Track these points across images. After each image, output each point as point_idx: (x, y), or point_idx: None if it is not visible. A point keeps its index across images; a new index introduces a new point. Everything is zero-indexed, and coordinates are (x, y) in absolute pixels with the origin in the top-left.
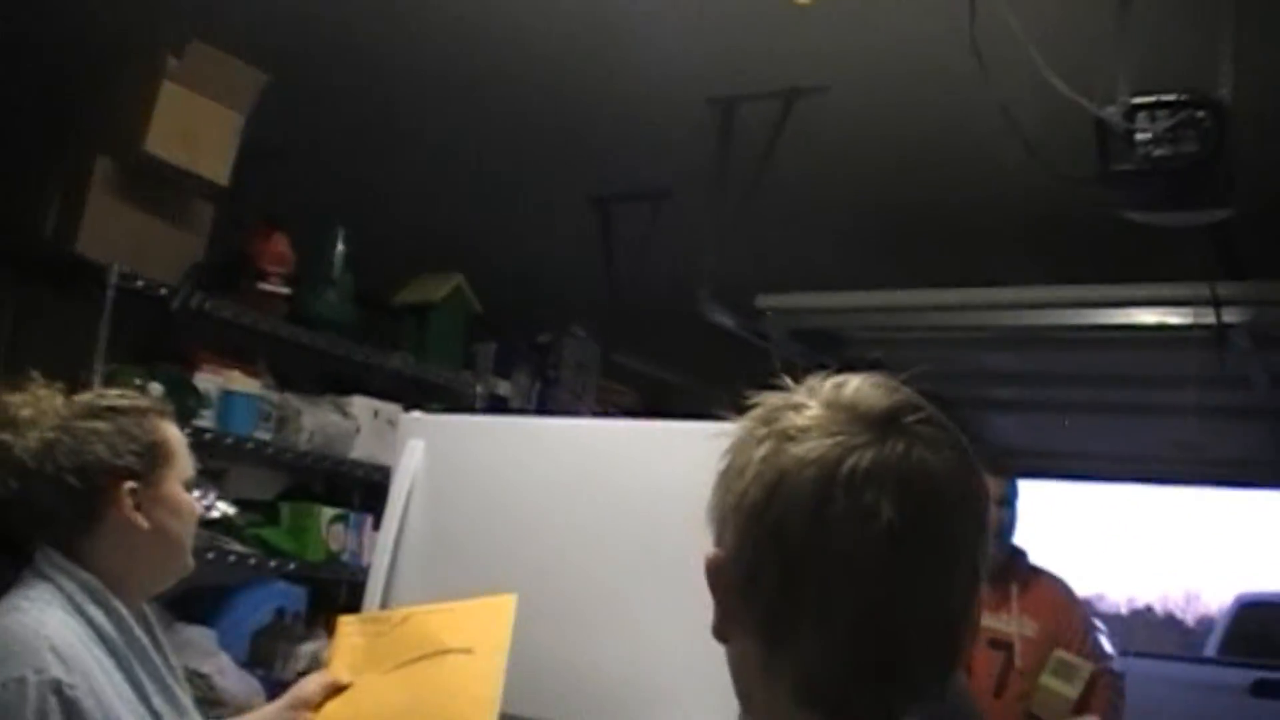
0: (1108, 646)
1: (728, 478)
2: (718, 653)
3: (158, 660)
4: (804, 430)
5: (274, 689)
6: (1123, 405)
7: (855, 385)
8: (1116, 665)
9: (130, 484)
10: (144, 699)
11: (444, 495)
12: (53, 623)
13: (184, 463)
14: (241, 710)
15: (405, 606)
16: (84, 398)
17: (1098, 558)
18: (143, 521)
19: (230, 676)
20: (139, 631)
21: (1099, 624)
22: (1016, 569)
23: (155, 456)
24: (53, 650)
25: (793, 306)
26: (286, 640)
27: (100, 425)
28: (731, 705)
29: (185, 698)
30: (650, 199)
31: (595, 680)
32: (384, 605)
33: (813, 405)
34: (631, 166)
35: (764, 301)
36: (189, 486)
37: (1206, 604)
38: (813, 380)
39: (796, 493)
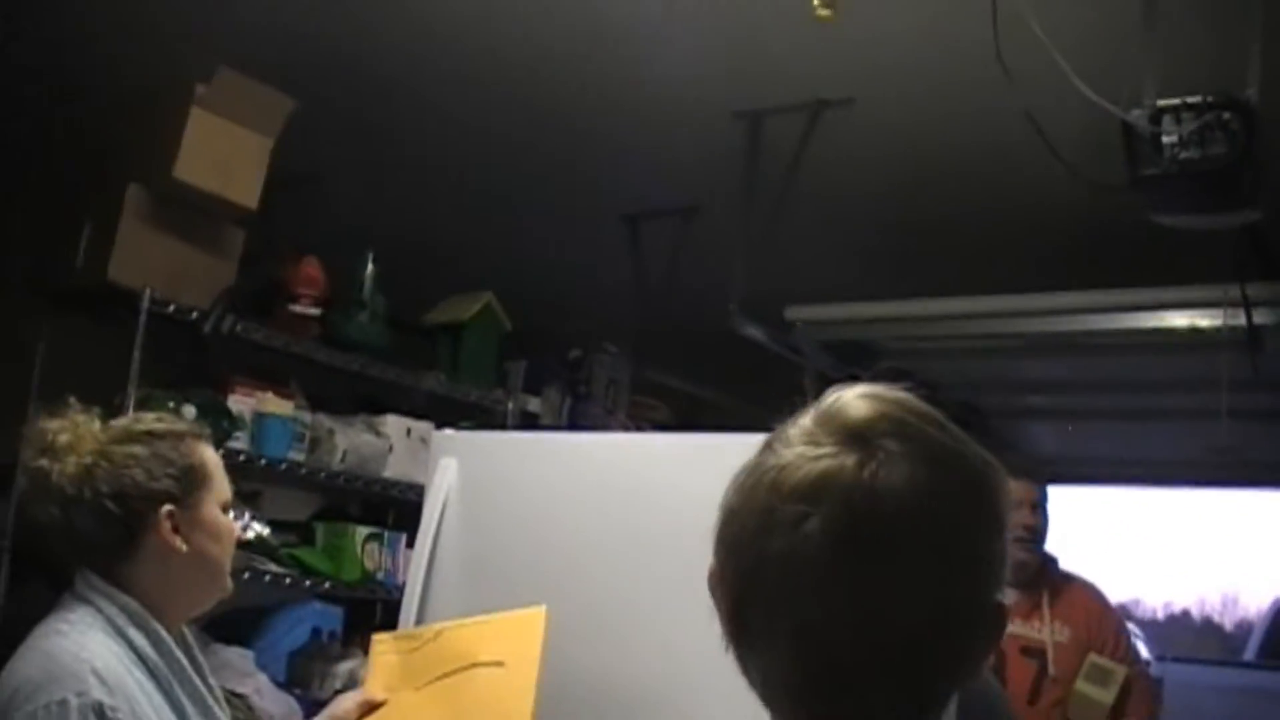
0: (1143, 651)
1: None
2: None
3: (198, 682)
4: (786, 440)
5: (311, 709)
6: (1156, 410)
7: (850, 395)
8: (1153, 670)
9: (168, 507)
10: (183, 717)
11: (477, 512)
12: (94, 645)
13: (221, 485)
14: None
15: (439, 623)
16: (121, 423)
17: (1134, 563)
18: (181, 545)
19: (268, 697)
20: (179, 653)
21: (1134, 629)
22: (1047, 575)
23: (192, 480)
24: (95, 673)
25: (822, 318)
26: (323, 660)
27: (137, 450)
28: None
29: (225, 718)
30: (679, 214)
31: (628, 695)
32: (419, 623)
33: (810, 412)
34: (660, 183)
35: (794, 314)
36: (226, 509)
37: (1244, 608)
38: (836, 389)
39: (756, 501)
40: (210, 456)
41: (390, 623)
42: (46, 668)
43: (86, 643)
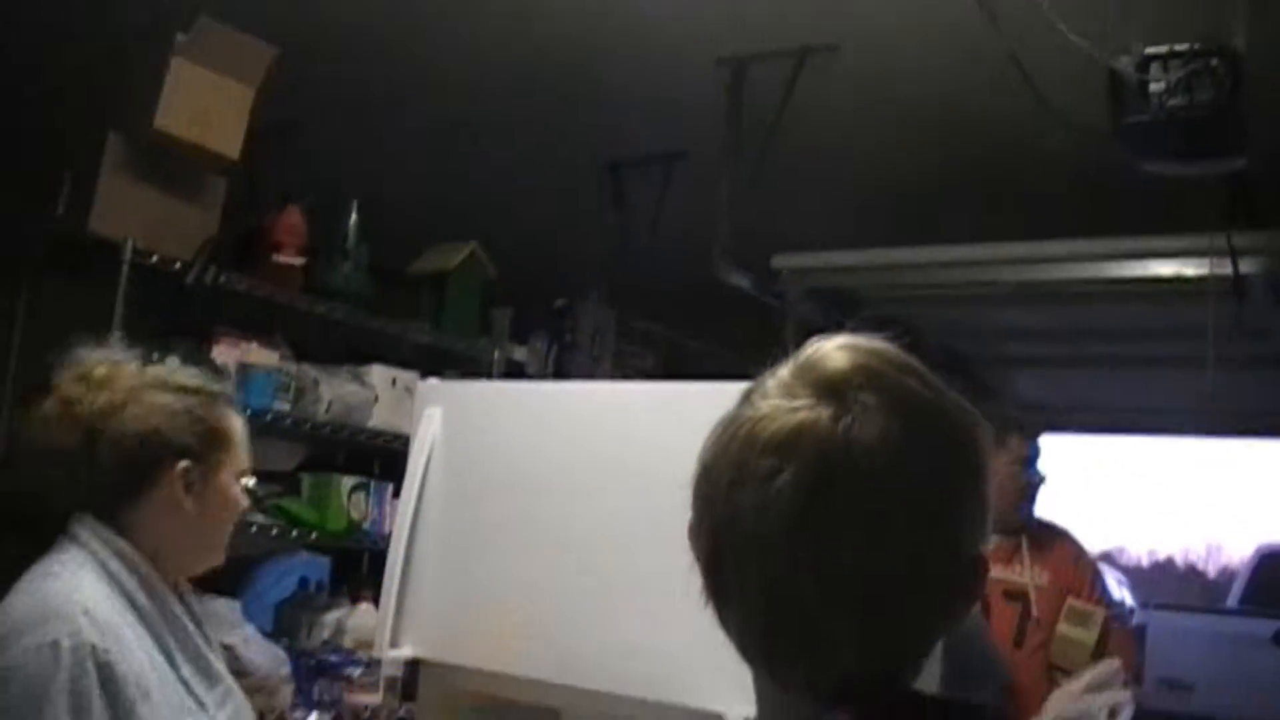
0: (1117, 595)
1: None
2: None
3: (192, 630)
4: (764, 392)
5: (298, 659)
6: (1142, 358)
7: (828, 346)
8: (1137, 617)
9: (185, 463)
10: (174, 667)
11: (463, 461)
12: (86, 588)
13: (241, 456)
14: (268, 682)
15: None
16: (158, 369)
17: (1119, 511)
18: (189, 504)
19: (255, 648)
20: (172, 602)
21: (1119, 576)
22: (1024, 523)
23: (215, 442)
24: (87, 614)
25: (808, 266)
26: (311, 610)
27: (168, 399)
28: (739, 670)
29: (220, 668)
30: (663, 162)
31: (616, 644)
32: (404, 575)
33: (789, 364)
34: (643, 130)
35: (779, 262)
36: (240, 481)
37: (1228, 555)
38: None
39: (729, 454)
40: (237, 425)
41: (377, 573)
42: (38, 609)
43: (79, 584)
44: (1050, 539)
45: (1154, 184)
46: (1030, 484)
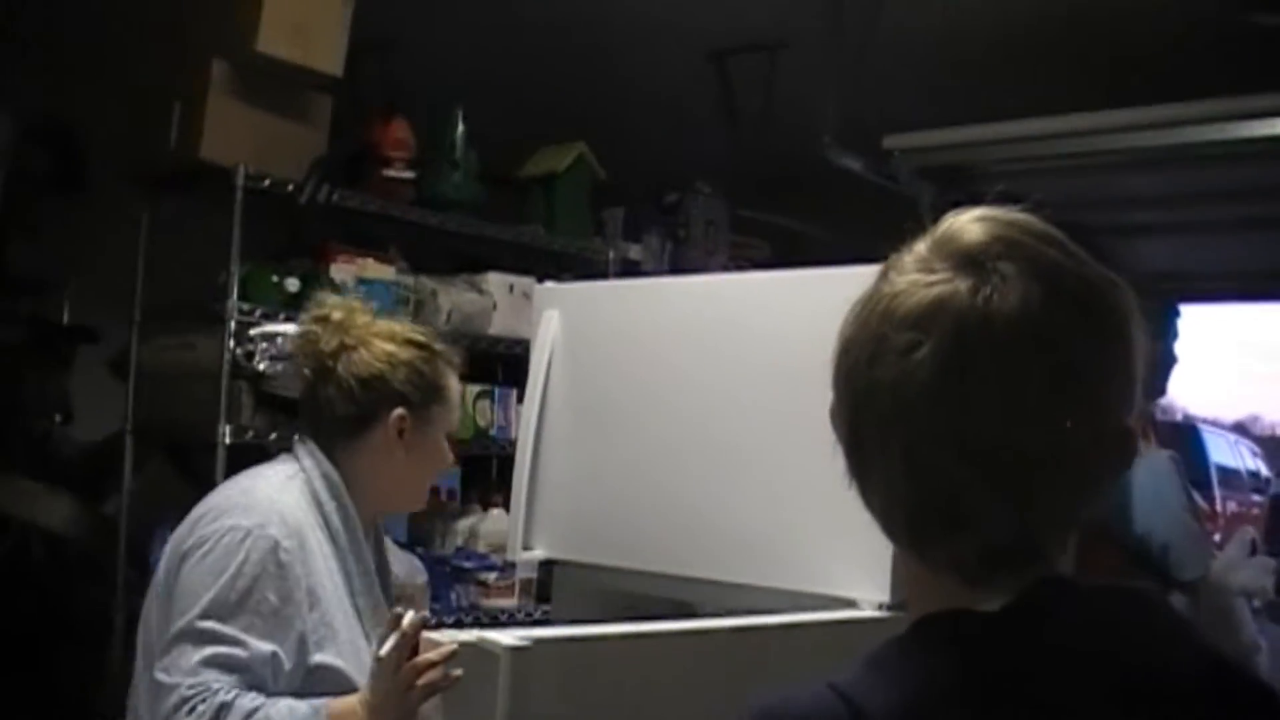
0: (1251, 465)
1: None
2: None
3: (373, 570)
4: (901, 268)
5: (433, 566)
6: (1264, 219)
7: (964, 220)
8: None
9: (400, 410)
10: (351, 593)
11: (583, 363)
12: (288, 496)
13: (454, 414)
14: (405, 590)
15: None
16: (389, 322)
17: (1252, 378)
18: (401, 451)
19: (393, 558)
20: (361, 535)
21: (1252, 446)
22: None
23: (432, 395)
24: (279, 514)
25: (920, 145)
26: (443, 518)
27: (395, 350)
28: (871, 556)
29: (381, 604)
30: (767, 49)
31: (746, 535)
32: (532, 478)
33: (925, 239)
34: (745, 17)
35: (891, 142)
36: (450, 438)
37: None
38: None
39: (865, 331)
40: (455, 384)
41: (505, 477)
42: (238, 500)
43: (284, 490)
44: (1156, 424)
45: (1265, 38)
46: (1166, 361)
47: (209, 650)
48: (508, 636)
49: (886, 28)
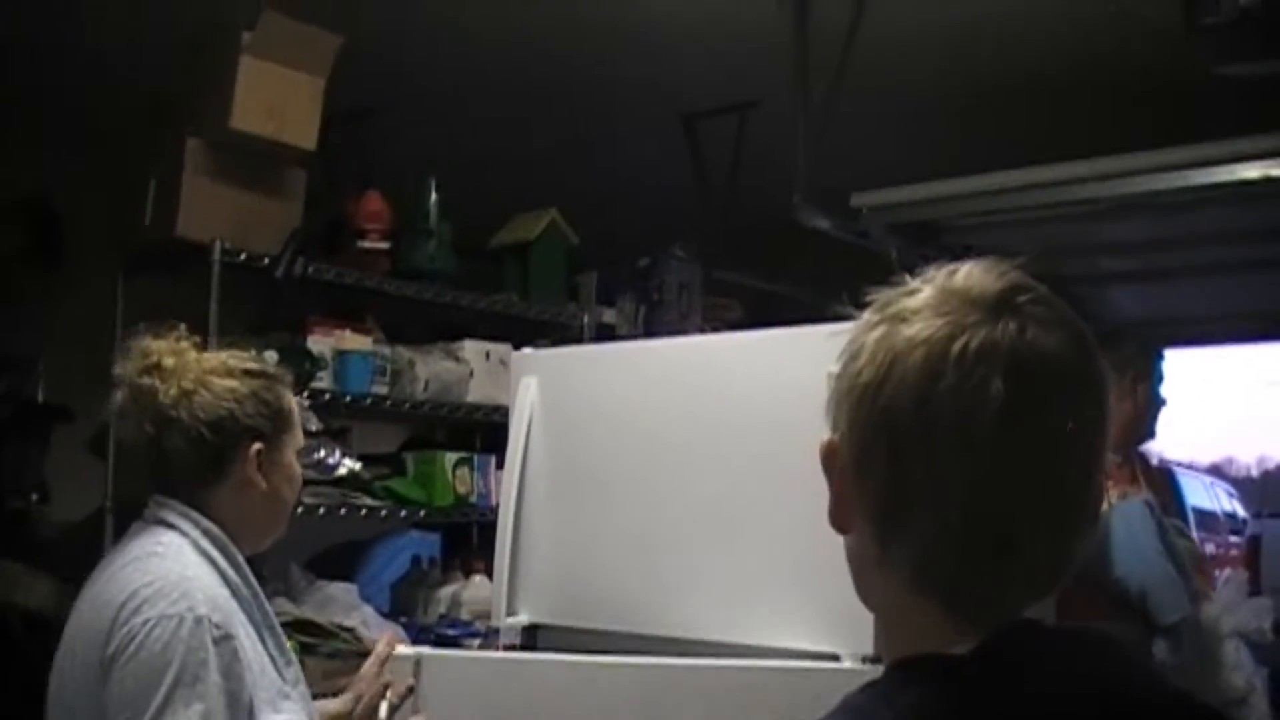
0: (1228, 506)
1: (843, 364)
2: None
3: (269, 607)
4: (915, 312)
5: (417, 635)
6: (1234, 264)
7: (967, 270)
8: (1249, 527)
9: (258, 445)
10: (262, 640)
11: (562, 427)
12: (193, 567)
13: (299, 432)
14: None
15: None
16: (219, 356)
17: (1225, 421)
18: (262, 482)
19: (375, 628)
20: (253, 579)
21: (1228, 488)
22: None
23: (280, 422)
24: (199, 590)
25: (889, 201)
26: (425, 586)
27: (235, 385)
28: (852, 609)
29: (286, 645)
30: (736, 110)
31: (728, 592)
32: (515, 543)
33: (925, 289)
34: (713, 79)
35: (859, 200)
36: (299, 455)
37: None
38: (928, 271)
39: (907, 371)
40: (293, 402)
41: (487, 545)
42: (154, 584)
43: (186, 563)
44: (1148, 463)
45: (1232, 86)
46: (1154, 405)
47: None
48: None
49: (854, 84)
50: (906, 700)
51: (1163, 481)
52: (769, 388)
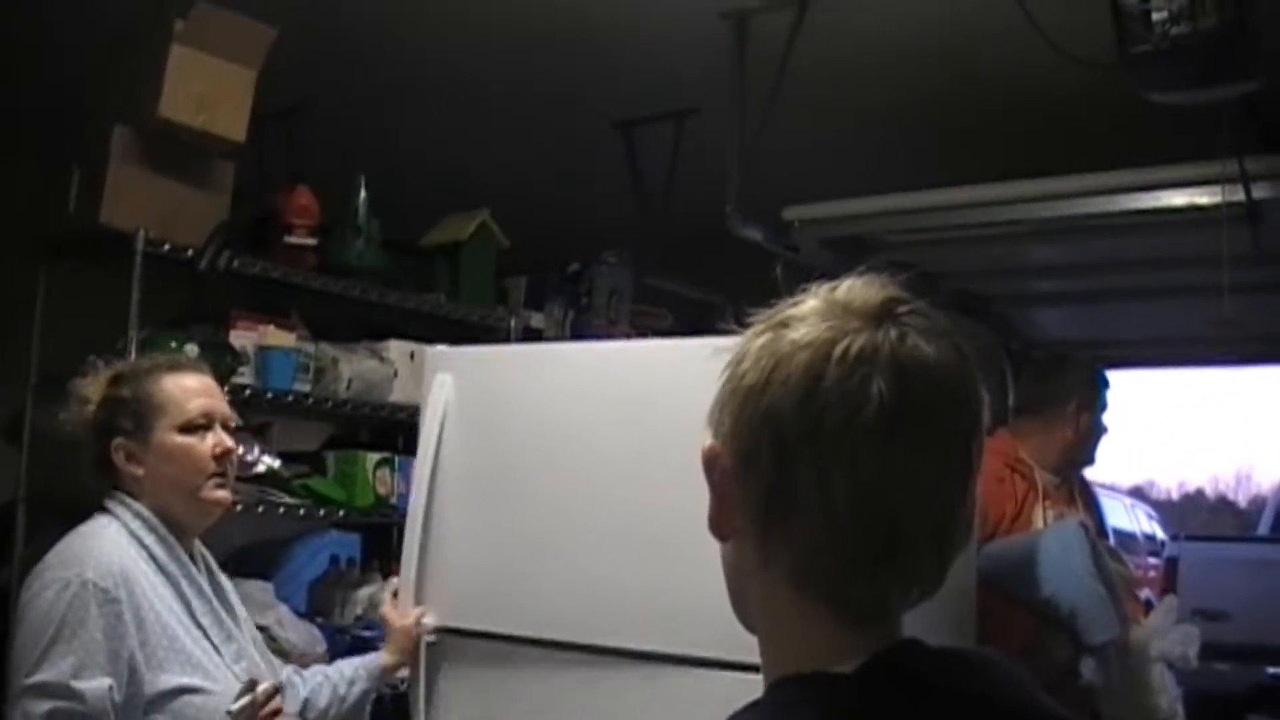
0: (1148, 529)
1: (728, 370)
2: None
3: (209, 591)
4: (800, 319)
5: (333, 636)
6: (1160, 288)
7: (849, 284)
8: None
9: (117, 440)
10: (191, 614)
11: (478, 427)
12: (104, 541)
13: (178, 410)
14: (304, 660)
15: None
16: (110, 370)
17: (1146, 445)
18: (136, 469)
19: (290, 627)
20: (186, 560)
21: (1149, 510)
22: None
23: (144, 411)
24: (95, 560)
25: (820, 216)
26: (343, 587)
27: (108, 393)
28: None
29: (237, 634)
30: (672, 119)
31: (643, 600)
32: (425, 544)
33: (809, 300)
34: (651, 89)
35: (791, 213)
36: (190, 429)
37: (1258, 484)
38: (811, 287)
39: (791, 372)
40: (168, 385)
41: None
42: (58, 555)
43: (99, 538)
44: (1084, 483)
45: (1162, 113)
46: (1097, 431)
47: (48, 705)
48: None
49: (791, 97)
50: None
51: (1092, 497)
52: (688, 395)
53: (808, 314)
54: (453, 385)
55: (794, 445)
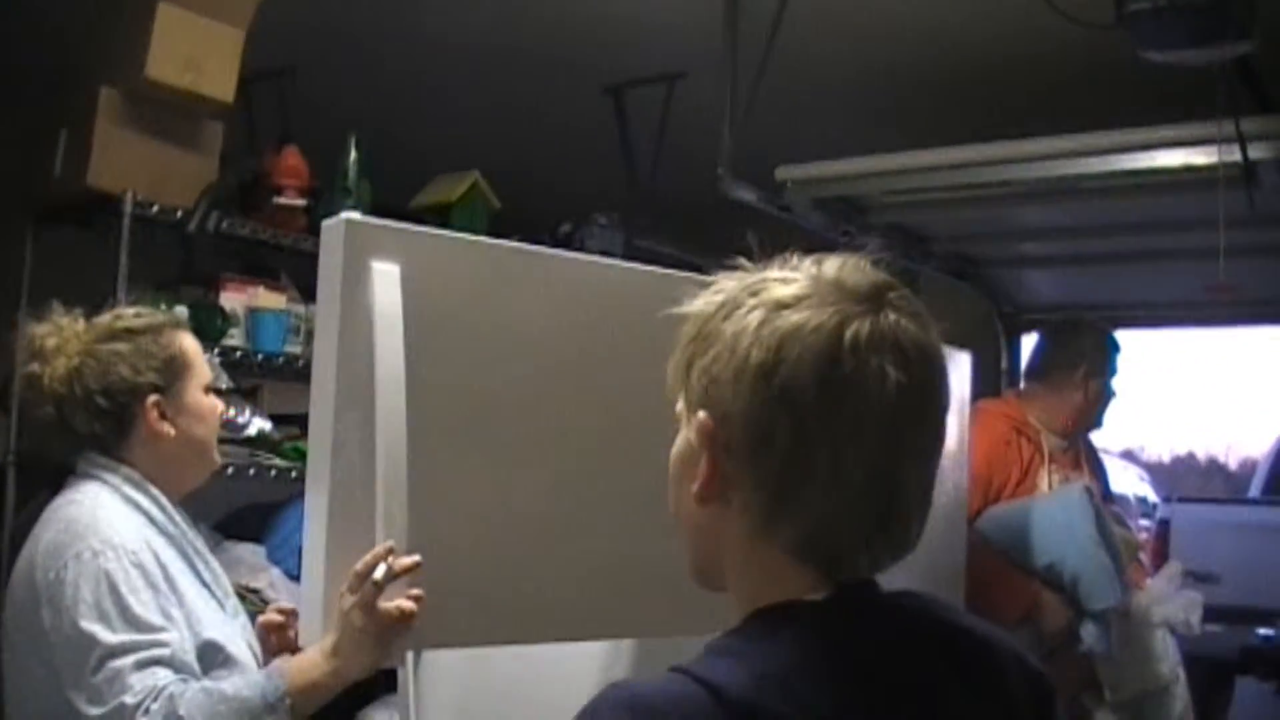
0: (1140, 491)
1: (719, 343)
2: None
3: (202, 548)
4: (796, 299)
5: None
6: (1154, 251)
7: (837, 264)
8: (1159, 512)
9: (154, 398)
10: (196, 574)
11: (435, 344)
12: (108, 509)
13: (201, 369)
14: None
15: None
16: (103, 321)
17: (1138, 408)
18: (169, 429)
19: (281, 590)
20: (180, 519)
21: (1141, 473)
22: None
23: (174, 369)
24: (110, 528)
25: (812, 176)
26: None
27: (120, 347)
28: None
29: (224, 580)
30: (664, 82)
31: (599, 545)
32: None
33: (799, 278)
34: (642, 51)
35: (784, 174)
36: (209, 390)
37: (1249, 447)
38: (788, 258)
39: (803, 357)
40: (189, 344)
41: None
42: (66, 530)
43: (100, 505)
44: (1090, 448)
45: (1158, 73)
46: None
47: (130, 659)
48: None
49: (783, 58)
50: (776, 640)
51: (1097, 459)
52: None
53: (803, 295)
54: (400, 283)
55: (812, 425)
